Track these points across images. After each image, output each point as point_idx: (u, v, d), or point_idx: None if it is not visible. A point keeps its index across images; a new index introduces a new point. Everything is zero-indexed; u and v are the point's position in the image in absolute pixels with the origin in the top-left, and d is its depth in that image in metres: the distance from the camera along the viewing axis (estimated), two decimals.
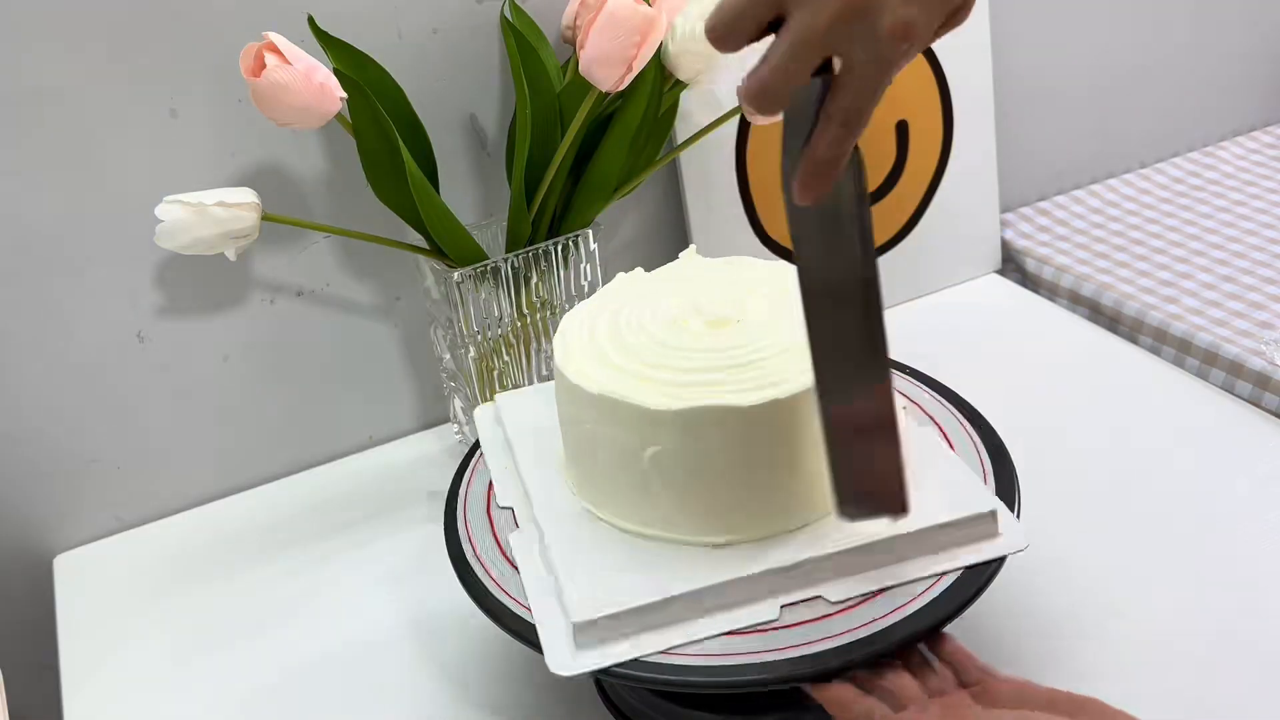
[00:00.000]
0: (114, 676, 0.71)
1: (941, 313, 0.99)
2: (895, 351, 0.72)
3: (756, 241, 0.93)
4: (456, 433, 0.87)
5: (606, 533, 0.59)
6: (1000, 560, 0.56)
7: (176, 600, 0.77)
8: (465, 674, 0.67)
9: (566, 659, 0.52)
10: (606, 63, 0.68)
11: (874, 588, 0.55)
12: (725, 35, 0.44)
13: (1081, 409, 0.85)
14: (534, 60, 0.73)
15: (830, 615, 0.54)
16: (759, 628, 0.54)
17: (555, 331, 0.63)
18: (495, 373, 0.80)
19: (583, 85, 0.71)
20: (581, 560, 0.57)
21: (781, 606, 0.55)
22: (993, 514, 0.57)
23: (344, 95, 0.69)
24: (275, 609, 0.75)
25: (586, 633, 0.52)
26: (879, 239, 0.98)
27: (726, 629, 0.54)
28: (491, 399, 0.72)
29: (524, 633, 0.55)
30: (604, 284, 0.68)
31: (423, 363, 0.89)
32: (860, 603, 0.55)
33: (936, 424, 0.66)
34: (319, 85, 0.67)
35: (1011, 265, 1.07)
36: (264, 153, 0.78)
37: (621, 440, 0.57)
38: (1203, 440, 0.81)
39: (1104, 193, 1.14)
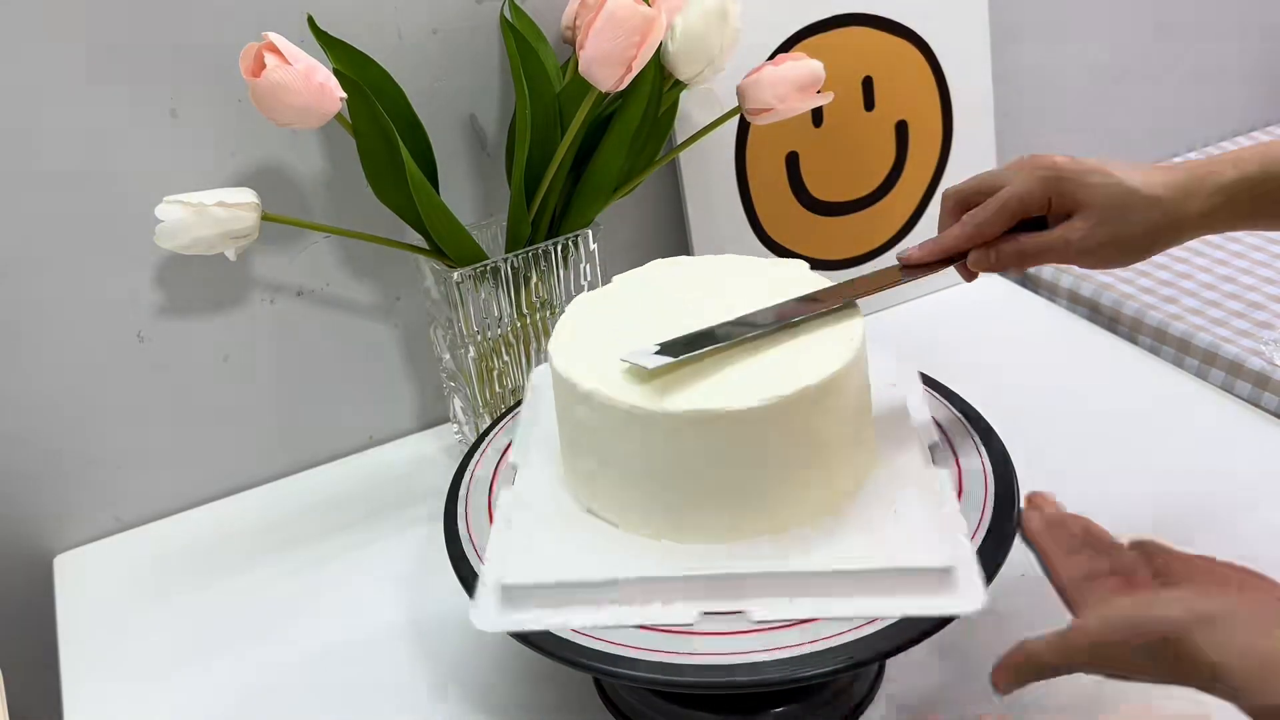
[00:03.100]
0: (114, 676, 0.71)
1: (941, 313, 0.99)
2: (894, 352, 0.73)
3: (756, 241, 0.93)
4: (456, 433, 0.87)
5: (571, 510, 0.60)
6: (946, 619, 0.53)
7: (176, 600, 0.77)
8: (465, 673, 0.67)
9: (491, 616, 0.55)
10: (606, 63, 0.68)
11: (800, 617, 0.53)
12: None
13: (1081, 409, 0.85)
14: (534, 60, 0.73)
15: (747, 631, 0.53)
16: (674, 628, 0.54)
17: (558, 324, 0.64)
18: (495, 373, 0.80)
19: (583, 85, 0.71)
20: (533, 531, 0.59)
21: (702, 613, 0.54)
22: (947, 570, 0.53)
23: (344, 95, 0.69)
24: (275, 609, 0.75)
25: (512, 596, 0.55)
26: (879, 239, 0.98)
27: (639, 622, 0.54)
28: (490, 399, 0.72)
29: (523, 631, 0.55)
30: (603, 284, 0.68)
31: (423, 363, 0.89)
32: (782, 627, 0.53)
33: (937, 423, 0.66)
34: (319, 85, 0.67)
35: None
36: (264, 153, 0.78)
37: (589, 423, 0.58)
38: (1202, 440, 0.81)
39: None
